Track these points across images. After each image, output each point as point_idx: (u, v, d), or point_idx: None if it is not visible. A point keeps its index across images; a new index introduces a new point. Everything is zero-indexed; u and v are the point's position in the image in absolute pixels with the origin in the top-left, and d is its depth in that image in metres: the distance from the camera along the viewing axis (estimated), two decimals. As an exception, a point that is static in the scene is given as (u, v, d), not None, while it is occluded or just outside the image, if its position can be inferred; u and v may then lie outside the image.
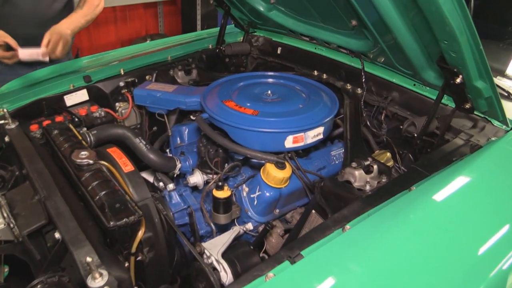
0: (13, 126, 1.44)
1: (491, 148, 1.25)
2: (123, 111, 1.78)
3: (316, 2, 1.49)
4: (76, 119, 1.58)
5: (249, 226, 1.38)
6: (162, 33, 4.06)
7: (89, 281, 0.84)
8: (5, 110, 1.44)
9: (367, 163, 1.23)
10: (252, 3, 1.75)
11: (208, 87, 1.64)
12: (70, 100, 1.71)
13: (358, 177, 1.21)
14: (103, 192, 1.05)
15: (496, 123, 1.35)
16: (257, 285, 0.84)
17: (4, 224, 1.10)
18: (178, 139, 1.65)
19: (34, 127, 1.51)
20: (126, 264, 1.06)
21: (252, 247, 1.29)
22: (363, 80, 1.56)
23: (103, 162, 1.19)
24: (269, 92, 1.57)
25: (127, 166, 1.24)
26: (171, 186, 1.45)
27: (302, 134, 1.38)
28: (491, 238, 0.97)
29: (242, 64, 2.19)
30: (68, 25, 1.75)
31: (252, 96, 1.55)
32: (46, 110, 1.66)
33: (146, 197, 1.18)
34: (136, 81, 1.81)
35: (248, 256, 1.27)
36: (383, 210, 1.01)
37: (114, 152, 1.28)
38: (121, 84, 1.79)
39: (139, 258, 1.11)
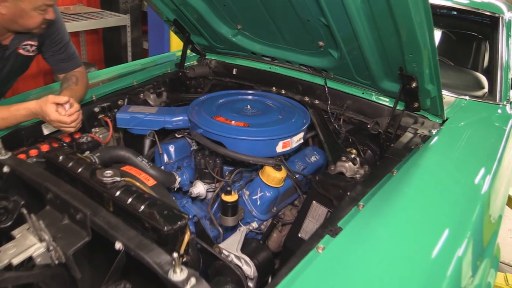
0: (6, 156, 1.41)
1: (437, 136, 1.60)
2: (100, 136, 1.81)
3: (285, 28, 1.73)
4: (65, 145, 1.59)
5: (254, 224, 1.54)
6: (85, 61, 3.97)
7: (172, 276, 0.94)
8: (-2, 140, 1.41)
9: (352, 156, 1.49)
10: (219, 29, 1.94)
11: (189, 106, 1.77)
12: (48, 128, 1.70)
13: (348, 168, 1.47)
14: (145, 203, 1.14)
15: (431, 118, 1.73)
16: (313, 257, 1.02)
17: (44, 248, 1.11)
18: (166, 156, 1.75)
19: (22, 156, 1.49)
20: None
21: (261, 242, 1.46)
22: (326, 92, 1.84)
23: (128, 178, 1.27)
24: (249, 107, 1.77)
25: (149, 180, 1.33)
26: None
27: (289, 139, 1.60)
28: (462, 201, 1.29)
29: (200, 85, 2.34)
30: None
31: (235, 111, 1.73)
32: (26, 140, 1.63)
33: (174, 206, 1.28)
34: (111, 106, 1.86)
35: (261, 249, 1.43)
36: (382, 190, 1.26)
37: (131, 169, 1.36)
38: (96, 110, 1.82)
39: (184, 259, 1.20)
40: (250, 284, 1.34)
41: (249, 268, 1.33)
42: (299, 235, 1.48)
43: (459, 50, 2.64)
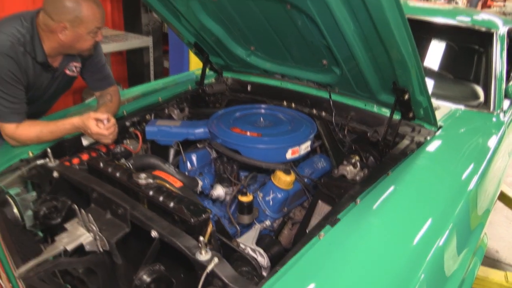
0: (55, 164, 1.66)
1: (431, 142, 1.78)
2: (131, 146, 2.05)
3: (293, 48, 1.96)
4: (102, 155, 1.84)
5: (268, 222, 1.74)
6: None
7: (198, 256, 1.15)
8: (48, 150, 1.66)
9: (353, 161, 1.69)
10: (234, 51, 2.18)
11: (209, 120, 2.00)
12: (86, 140, 1.95)
13: (349, 171, 1.67)
14: (174, 200, 1.36)
15: (427, 126, 1.91)
16: (315, 242, 1.22)
17: (92, 237, 1.34)
18: (189, 164, 1.97)
19: (66, 164, 1.74)
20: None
21: (274, 238, 1.67)
22: (331, 104, 2.05)
23: (159, 181, 1.49)
24: (261, 119, 1.99)
25: (176, 182, 1.55)
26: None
27: (297, 147, 1.81)
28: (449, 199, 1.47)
29: (218, 101, 2.58)
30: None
31: (250, 123, 1.95)
32: (68, 150, 1.88)
33: (199, 202, 1.49)
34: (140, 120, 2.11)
35: (274, 243, 1.64)
36: (377, 188, 1.46)
37: (161, 174, 1.58)
38: (127, 123, 2.07)
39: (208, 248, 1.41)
40: (264, 273, 1.54)
41: (263, 259, 1.53)
42: (307, 231, 1.68)
43: (457, 62, 2.81)
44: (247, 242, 1.59)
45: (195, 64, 3.95)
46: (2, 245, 1.71)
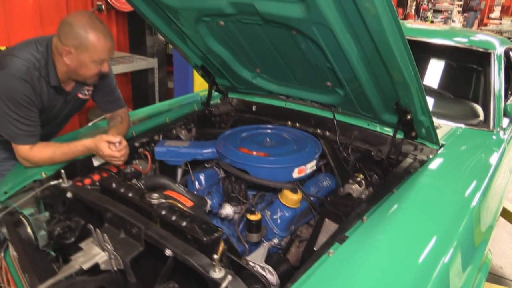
0: (68, 184, 1.71)
1: (433, 160, 1.83)
2: (140, 167, 2.10)
3: (297, 71, 2.03)
4: (114, 175, 1.88)
5: (276, 240, 1.78)
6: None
7: (212, 274, 1.19)
8: (62, 171, 1.71)
9: (358, 179, 1.74)
10: (240, 73, 2.25)
11: (217, 140, 2.06)
12: (97, 161, 2.01)
13: (355, 189, 1.71)
14: (187, 220, 1.40)
15: (429, 145, 1.96)
16: (324, 259, 1.25)
17: (107, 256, 1.38)
18: (197, 183, 2.02)
19: (79, 184, 1.78)
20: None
21: (282, 255, 1.70)
22: (335, 124, 2.11)
23: (171, 200, 1.54)
24: (268, 139, 2.05)
25: (187, 202, 1.59)
26: (205, 219, 1.80)
27: (303, 166, 1.86)
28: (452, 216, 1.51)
29: (224, 121, 2.64)
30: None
31: (256, 143, 2.01)
32: (80, 171, 1.93)
33: (210, 222, 1.53)
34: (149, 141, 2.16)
35: (282, 261, 1.67)
36: (383, 206, 1.50)
37: (172, 193, 1.63)
38: (137, 144, 2.12)
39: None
40: (273, 290, 1.57)
41: (272, 277, 1.56)
42: (315, 249, 1.71)
43: (456, 82, 2.89)
44: (256, 260, 1.62)
45: (199, 84, 4.03)
46: (15, 264, 1.75)
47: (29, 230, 1.70)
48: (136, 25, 4.36)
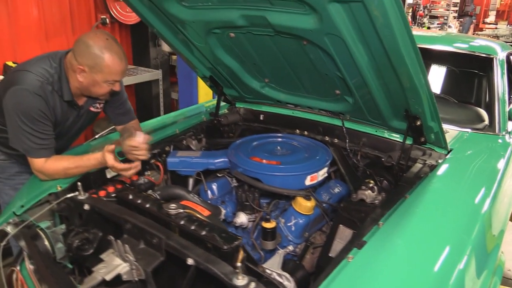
0: (85, 196, 1.73)
1: (443, 165, 1.86)
2: (153, 178, 2.12)
3: (306, 80, 2.06)
4: (128, 186, 1.91)
5: (291, 248, 1.79)
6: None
7: (236, 281, 1.21)
8: (78, 183, 1.73)
9: (371, 185, 1.76)
10: (249, 83, 2.29)
11: (229, 149, 2.08)
12: (110, 173, 2.03)
13: (368, 195, 1.74)
14: (206, 229, 1.42)
15: (437, 149, 1.99)
16: (345, 264, 1.27)
17: (129, 267, 1.40)
18: (210, 193, 2.04)
19: (94, 196, 1.80)
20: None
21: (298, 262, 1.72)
22: (344, 132, 2.14)
23: (188, 210, 1.56)
24: (278, 147, 2.07)
25: (204, 211, 1.62)
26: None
27: (315, 174, 1.89)
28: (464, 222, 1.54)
29: (232, 131, 2.67)
30: None
31: (267, 151, 2.03)
32: (94, 183, 1.95)
33: (228, 230, 1.56)
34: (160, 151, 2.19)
35: (298, 268, 1.69)
36: (398, 211, 1.52)
37: (189, 203, 1.65)
38: (149, 155, 2.15)
39: (239, 273, 1.46)
40: (291, 297, 1.58)
41: (289, 284, 1.58)
42: (330, 255, 1.73)
43: (461, 87, 2.93)
44: (273, 267, 1.64)
45: (204, 95, 4.07)
46: (32, 277, 1.77)
47: (46, 243, 1.72)
48: (139, 38, 4.41)
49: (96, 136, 3.84)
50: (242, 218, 1.85)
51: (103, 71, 1.82)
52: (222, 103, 2.74)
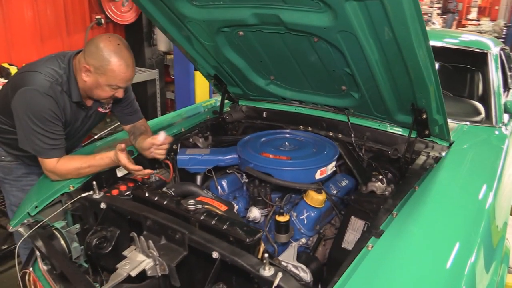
0: (100, 195, 1.74)
1: (447, 157, 1.93)
2: (162, 175, 2.14)
3: (313, 77, 2.10)
4: (140, 184, 1.93)
5: (303, 240, 1.84)
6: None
7: (262, 272, 1.24)
8: (94, 182, 1.74)
9: (380, 177, 1.82)
10: (254, 81, 2.32)
11: (237, 146, 2.11)
12: (120, 172, 2.04)
13: (378, 187, 1.79)
14: (227, 223, 1.45)
15: (440, 142, 2.06)
16: (365, 253, 1.32)
17: (153, 262, 1.42)
18: (220, 189, 2.07)
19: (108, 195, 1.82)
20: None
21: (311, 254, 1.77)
22: (350, 127, 2.19)
23: (207, 206, 1.59)
24: (286, 143, 2.11)
25: (221, 206, 1.65)
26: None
27: (325, 168, 1.93)
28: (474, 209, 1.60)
29: (235, 128, 2.70)
30: None
31: (276, 147, 2.07)
32: (106, 182, 1.96)
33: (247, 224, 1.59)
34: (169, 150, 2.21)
35: (313, 259, 1.74)
36: (410, 201, 1.58)
37: (205, 199, 1.68)
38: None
39: (260, 265, 1.50)
40: None
41: (305, 275, 1.62)
42: (342, 246, 1.78)
43: (457, 81, 3.02)
44: (288, 260, 1.67)
45: (201, 94, 4.09)
46: (47, 277, 1.77)
47: (62, 242, 1.73)
48: (134, 37, 4.40)
49: (95, 137, 3.84)
50: (255, 213, 1.89)
51: (107, 74, 1.82)
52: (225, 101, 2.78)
